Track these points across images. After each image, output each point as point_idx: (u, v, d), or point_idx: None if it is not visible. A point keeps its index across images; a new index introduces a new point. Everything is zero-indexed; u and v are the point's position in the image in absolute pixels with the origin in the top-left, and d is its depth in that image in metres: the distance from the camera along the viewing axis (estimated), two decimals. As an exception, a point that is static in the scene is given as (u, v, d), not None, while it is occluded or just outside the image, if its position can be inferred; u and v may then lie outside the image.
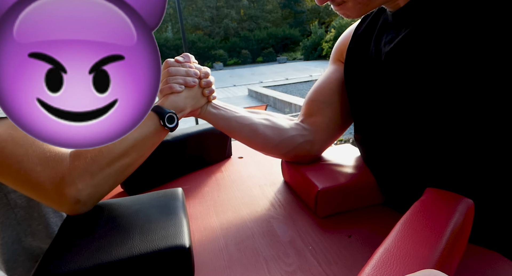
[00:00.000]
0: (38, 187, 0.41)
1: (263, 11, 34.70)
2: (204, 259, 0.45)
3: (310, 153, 0.61)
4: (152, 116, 0.50)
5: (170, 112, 0.50)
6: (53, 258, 0.35)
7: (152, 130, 0.49)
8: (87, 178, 0.43)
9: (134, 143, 0.48)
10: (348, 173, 0.55)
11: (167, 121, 0.49)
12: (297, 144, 0.60)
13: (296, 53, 27.14)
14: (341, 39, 0.65)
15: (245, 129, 0.58)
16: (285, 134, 0.60)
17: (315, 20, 35.15)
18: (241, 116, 0.59)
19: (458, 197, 0.36)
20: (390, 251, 0.29)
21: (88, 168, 0.44)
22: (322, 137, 0.62)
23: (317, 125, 0.62)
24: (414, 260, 0.27)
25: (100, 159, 0.45)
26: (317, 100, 0.63)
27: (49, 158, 0.41)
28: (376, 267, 0.27)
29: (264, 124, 0.59)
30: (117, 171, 0.46)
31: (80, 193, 0.43)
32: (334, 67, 0.66)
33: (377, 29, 0.52)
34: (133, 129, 0.49)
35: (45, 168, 0.41)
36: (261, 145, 0.61)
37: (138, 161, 0.49)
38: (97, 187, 0.44)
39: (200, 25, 31.43)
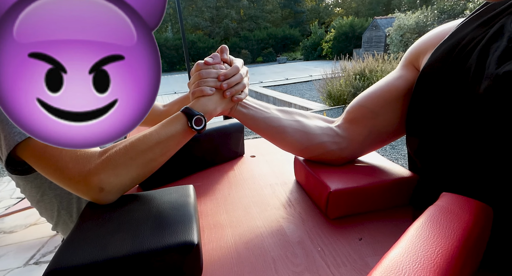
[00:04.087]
0: (70, 180, 0.47)
1: (263, 11, 34.72)
2: (213, 256, 0.45)
3: (340, 159, 0.58)
4: (181, 117, 0.51)
5: (198, 115, 0.51)
6: (67, 251, 0.37)
7: (179, 130, 0.51)
8: (110, 168, 0.47)
9: (159, 140, 0.50)
10: (363, 175, 0.54)
11: (194, 124, 0.50)
12: (326, 150, 0.57)
13: (296, 53, 27.17)
14: (424, 39, 0.52)
15: (273, 131, 0.57)
16: (315, 140, 0.57)
17: (315, 20, 35.16)
18: (270, 117, 0.57)
19: (476, 203, 0.34)
20: (399, 257, 0.27)
21: (112, 159, 0.47)
22: (355, 147, 0.57)
23: (354, 135, 0.57)
24: (425, 268, 0.26)
25: (124, 152, 0.48)
26: (365, 107, 0.56)
27: (79, 156, 0.47)
28: (384, 273, 0.26)
29: (294, 127, 0.57)
30: (139, 164, 0.49)
31: (103, 182, 0.46)
32: (401, 73, 0.55)
33: (487, 38, 0.40)
34: (160, 127, 0.51)
35: (76, 165, 0.46)
36: (288, 147, 0.59)
37: (162, 158, 0.51)
38: (119, 176, 0.47)
39: (200, 25, 31.44)
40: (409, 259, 0.27)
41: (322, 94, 5.64)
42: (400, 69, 0.56)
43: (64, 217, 0.75)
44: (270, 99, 7.44)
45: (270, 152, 0.85)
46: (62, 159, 0.47)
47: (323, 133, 0.58)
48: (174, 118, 0.51)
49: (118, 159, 0.47)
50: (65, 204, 0.73)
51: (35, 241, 1.97)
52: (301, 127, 0.57)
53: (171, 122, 0.51)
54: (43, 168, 0.48)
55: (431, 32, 0.53)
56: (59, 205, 0.73)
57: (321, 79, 5.80)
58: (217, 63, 0.55)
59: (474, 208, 0.33)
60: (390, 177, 0.52)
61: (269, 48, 27.91)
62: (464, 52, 0.43)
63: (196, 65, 0.55)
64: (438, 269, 0.26)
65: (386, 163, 0.59)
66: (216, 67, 0.54)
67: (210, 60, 0.54)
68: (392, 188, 0.52)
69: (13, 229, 2.13)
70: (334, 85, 5.29)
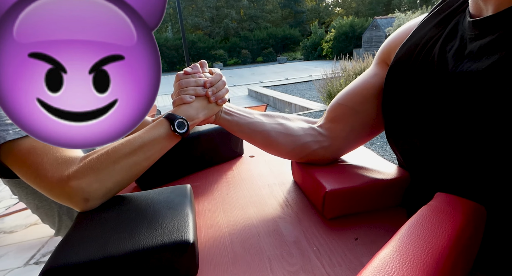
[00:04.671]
0: (52, 188, 0.45)
1: (263, 11, 34.73)
2: (209, 255, 0.45)
3: (325, 157, 0.60)
4: (163, 122, 0.52)
5: (180, 118, 0.51)
6: (65, 249, 0.38)
7: (162, 134, 0.51)
8: (92, 174, 0.46)
9: (142, 144, 0.49)
10: (359, 175, 0.54)
11: (177, 127, 0.51)
12: (311, 150, 0.58)
13: (296, 53, 27.17)
14: (393, 37, 0.56)
15: (258, 136, 0.58)
16: (298, 141, 0.58)
17: (315, 20, 35.17)
18: (253, 122, 0.58)
19: (469, 203, 0.34)
20: (390, 256, 0.27)
21: (93, 165, 0.46)
22: (339, 145, 0.59)
23: (336, 132, 0.59)
24: (414, 267, 0.26)
25: (106, 157, 0.47)
26: (345, 105, 0.58)
27: (60, 163, 0.46)
28: (373, 272, 0.26)
29: (277, 130, 0.58)
30: (123, 167, 0.48)
31: (85, 189, 0.45)
32: (375, 71, 0.58)
33: (445, 35, 0.44)
34: (143, 132, 0.51)
35: (56, 172, 0.45)
36: (274, 151, 0.60)
37: (146, 162, 0.51)
38: (102, 182, 0.47)
39: (200, 25, 31.45)
40: (399, 258, 0.27)
41: (322, 94, 5.64)
42: (374, 67, 0.59)
43: (66, 222, 0.74)
44: (270, 99, 7.44)
45: (269, 152, 0.86)
46: (42, 166, 0.46)
47: (306, 133, 0.59)
48: (157, 123, 0.52)
49: (99, 163, 0.46)
50: (65, 208, 0.72)
51: (35, 241, 1.97)
52: (284, 130, 0.59)
53: (154, 127, 0.51)
54: (23, 173, 0.47)
55: (399, 30, 0.56)
56: (59, 210, 0.72)
57: (321, 79, 5.80)
58: (196, 72, 0.57)
59: (466, 207, 0.33)
60: (386, 176, 0.53)
61: (269, 48, 27.91)
62: (424, 50, 0.46)
63: (176, 76, 0.57)
64: (428, 268, 0.26)
65: (383, 162, 0.59)
66: (195, 76, 0.56)
67: (189, 70, 0.56)
68: (389, 187, 0.52)
69: (13, 229, 2.13)
70: (334, 85, 5.29)
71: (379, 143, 3.40)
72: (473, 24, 0.39)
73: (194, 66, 0.58)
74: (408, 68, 0.49)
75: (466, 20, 0.41)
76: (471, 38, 0.40)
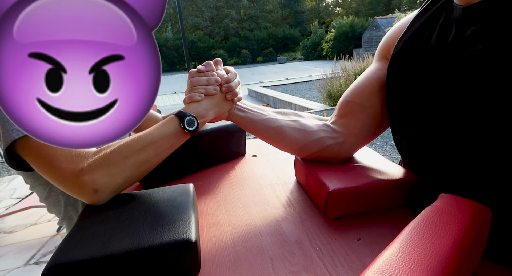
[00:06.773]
0: (64, 179, 0.47)
1: (263, 11, 34.72)
2: (211, 254, 0.45)
3: (340, 154, 0.60)
4: (173, 119, 0.53)
5: (190, 116, 0.52)
6: (68, 247, 0.38)
7: (171, 131, 0.52)
8: (104, 168, 0.47)
9: (153, 140, 0.51)
10: (362, 175, 0.54)
11: (187, 124, 0.52)
12: (325, 145, 0.58)
13: (296, 53, 27.15)
14: (390, 33, 0.58)
15: (272, 132, 0.58)
16: (312, 136, 0.58)
17: (315, 20, 35.16)
18: (267, 118, 0.58)
19: (474, 204, 0.33)
20: (393, 257, 0.27)
21: (106, 159, 0.48)
22: (352, 141, 0.59)
23: (349, 128, 0.59)
24: (418, 268, 0.26)
25: (118, 152, 0.49)
26: (353, 102, 0.60)
27: (74, 156, 0.48)
28: (376, 273, 0.26)
29: (291, 126, 0.59)
30: (133, 163, 0.50)
31: (96, 182, 0.47)
32: (377, 66, 0.60)
33: (439, 25, 0.47)
34: (154, 129, 0.52)
35: (69, 164, 0.47)
36: (287, 146, 0.60)
37: (156, 158, 0.52)
38: (113, 176, 0.48)
39: (200, 25, 31.44)
40: (403, 259, 0.27)
41: (322, 94, 5.64)
42: (375, 63, 0.61)
43: (71, 213, 0.76)
44: (270, 99, 7.44)
45: (272, 152, 0.86)
46: (57, 158, 0.47)
47: (320, 129, 0.59)
48: (168, 120, 0.53)
49: (112, 158, 0.48)
50: (72, 200, 0.75)
51: (35, 241, 1.97)
52: (298, 125, 0.59)
53: (164, 124, 0.52)
54: (38, 166, 0.49)
55: (395, 26, 0.58)
56: (66, 201, 0.74)
57: (321, 79, 5.80)
58: (210, 70, 0.57)
59: (471, 209, 0.33)
60: (389, 177, 0.52)
61: (269, 48, 27.90)
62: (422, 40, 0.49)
63: (189, 73, 0.57)
64: (432, 269, 0.26)
65: (386, 163, 0.59)
66: (207, 74, 0.56)
67: (202, 68, 0.57)
68: (392, 188, 0.52)
69: (13, 229, 2.13)
70: (334, 85, 5.29)
71: (379, 143, 3.40)
72: (463, 11, 0.42)
73: (207, 63, 0.58)
74: (408, 58, 0.50)
75: (457, 8, 0.44)
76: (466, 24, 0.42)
